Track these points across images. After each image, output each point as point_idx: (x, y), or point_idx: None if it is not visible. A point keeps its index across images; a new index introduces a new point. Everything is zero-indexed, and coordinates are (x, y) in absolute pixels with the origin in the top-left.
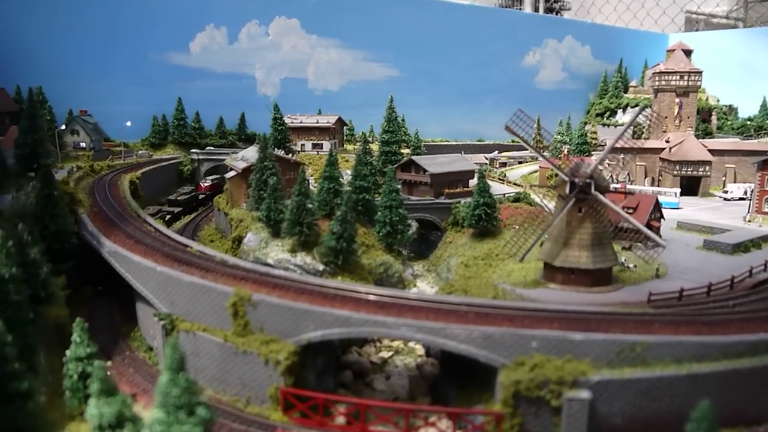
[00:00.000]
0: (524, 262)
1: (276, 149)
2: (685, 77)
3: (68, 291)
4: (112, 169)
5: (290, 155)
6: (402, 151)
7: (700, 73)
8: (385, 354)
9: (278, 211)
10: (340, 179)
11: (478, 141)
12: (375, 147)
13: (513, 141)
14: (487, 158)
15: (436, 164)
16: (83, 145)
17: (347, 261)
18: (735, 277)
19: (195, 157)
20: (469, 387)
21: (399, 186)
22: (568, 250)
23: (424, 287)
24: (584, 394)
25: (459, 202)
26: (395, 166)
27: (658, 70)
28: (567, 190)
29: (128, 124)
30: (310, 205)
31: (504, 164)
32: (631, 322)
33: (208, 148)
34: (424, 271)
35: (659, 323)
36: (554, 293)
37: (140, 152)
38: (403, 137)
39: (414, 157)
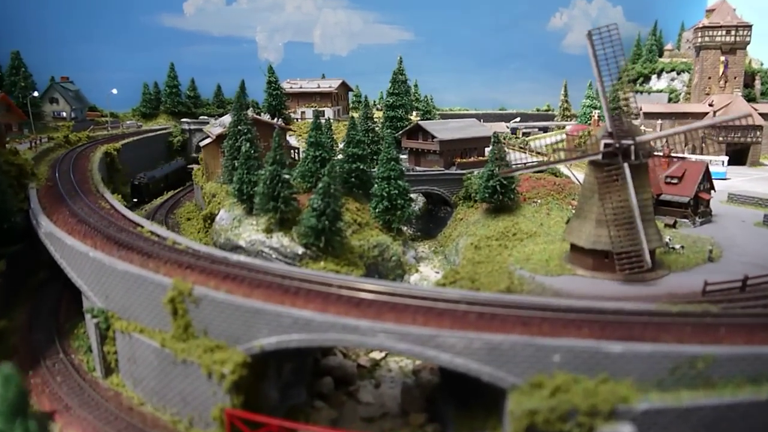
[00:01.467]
0: (548, 243)
1: (269, 116)
2: (732, 32)
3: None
4: (92, 140)
5: (275, 120)
6: (411, 117)
7: (750, 27)
8: (376, 355)
9: (252, 183)
10: (332, 146)
11: (500, 110)
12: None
13: (538, 109)
14: (508, 127)
15: (446, 130)
16: (64, 114)
17: (331, 243)
18: None
19: (186, 127)
20: (472, 407)
21: (405, 155)
22: (600, 229)
23: (428, 272)
24: (626, 428)
25: (472, 173)
26: (400, 132)
27: (701, 26)
28: (601, 151)
29: (114, 92)
30: (287, 176)
31: (527, 134)
32: (688, 326)
33: (201, 117)
34: (429, 252)
35: (727, 327)
36: (583, 282)
37: (128, 122)
38: (415, 102)
39: (421, 122)
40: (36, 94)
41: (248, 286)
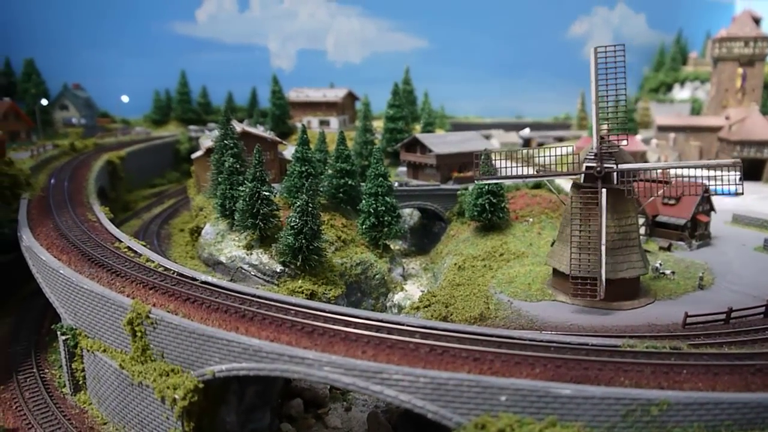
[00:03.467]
0: (535, 264)
1: (263, 128)
2: (751, 44)
3: None
4: (99, 147)
5: (268, 132)
6: (417, 128)
7: None
8: None
9: (234, 199)
10: (325, 159)
11: (517, 118)
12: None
13: (555, 118)
14: (521, 137)
15: (444, 143)
16: (74, 121)
17: (309, 261)
18: None
19: (193, 134)
20: None
21: (404, 168)
22: (582, 254)
23: (414, 291)
24: None
25: (467, 188)
26: (399, 144)
27: (718, 37)
28: (582, 180)
29: (124, 99)
30: (266, 193)
31: (542, 144)
32: (648, 367)
33: (209, 124)
34: (420, 269)
35: (690, 369)
36: (561, 309)
37: (137, 129)
38: (420, 113)
39: (419, 135)
40: (45, 101)
41: (206, 309)
